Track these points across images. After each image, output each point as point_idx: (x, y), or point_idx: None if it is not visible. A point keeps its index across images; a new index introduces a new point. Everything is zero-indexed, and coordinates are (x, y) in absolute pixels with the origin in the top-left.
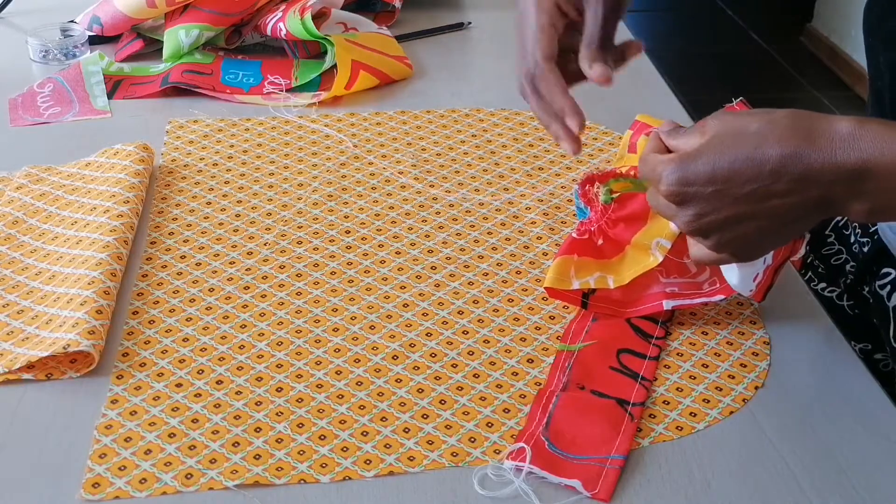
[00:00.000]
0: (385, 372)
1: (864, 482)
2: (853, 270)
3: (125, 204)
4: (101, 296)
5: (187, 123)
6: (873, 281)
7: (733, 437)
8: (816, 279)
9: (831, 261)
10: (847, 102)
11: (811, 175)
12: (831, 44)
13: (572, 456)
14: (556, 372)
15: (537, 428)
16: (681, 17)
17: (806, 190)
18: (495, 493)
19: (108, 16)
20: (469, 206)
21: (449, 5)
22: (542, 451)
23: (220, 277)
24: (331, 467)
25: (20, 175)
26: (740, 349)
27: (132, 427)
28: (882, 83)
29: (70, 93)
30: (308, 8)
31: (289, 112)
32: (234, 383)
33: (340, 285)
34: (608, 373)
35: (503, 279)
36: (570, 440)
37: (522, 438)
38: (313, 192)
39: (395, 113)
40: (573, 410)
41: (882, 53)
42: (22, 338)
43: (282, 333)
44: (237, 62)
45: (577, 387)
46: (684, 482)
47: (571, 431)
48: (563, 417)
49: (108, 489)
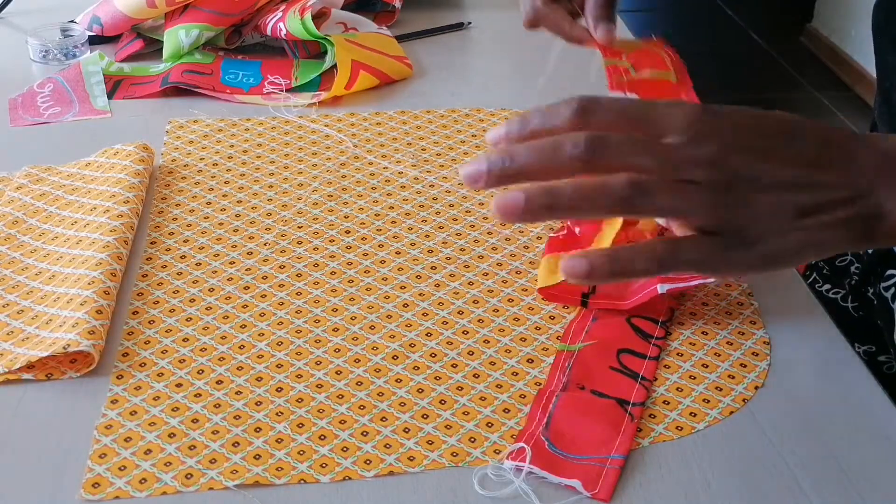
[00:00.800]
0: (385, 372)
1: (864, 482)
2: (858, 272)
3: (125, 204)
4: (101, 296)
5: (187, 123)
6: (878, 282)
7: (733, 437)
8: (821, 280)
9: (836, 262)
10: (847, 103)
11: (856, 154)
12: (831, 44)
13: (572, 456)
14: (556, 372)
15: (537, 428)
16: (681, 17)
17: (852, 170)
18: (495, 493)
19: (108, 16)
20: (469, 206)
21: (449, 5)
22: (542, 451)
23: (220, 277)
24: (331, 467)
25: (20, 175)
26: (740, 349)
27: (132, 427)
28: (890, 84)
29: (70, 93)
30: (308, 8)
31: (289, 112)
32: (234, 383)
33: (340, 285)
34: (608, 373)
35: (503, 279)
36: (570, 440)
37: (522, 438)
38: (313, 192)
39: (395, 113)
40: (573, 410)
41: (890, 54)
42: (22, 338)
43: (282, 333)
44: (237, 62)
45: (577, 387)
46: (684, 482)
47: (571, 431)
48: (563, 417)
49: (108, 489)
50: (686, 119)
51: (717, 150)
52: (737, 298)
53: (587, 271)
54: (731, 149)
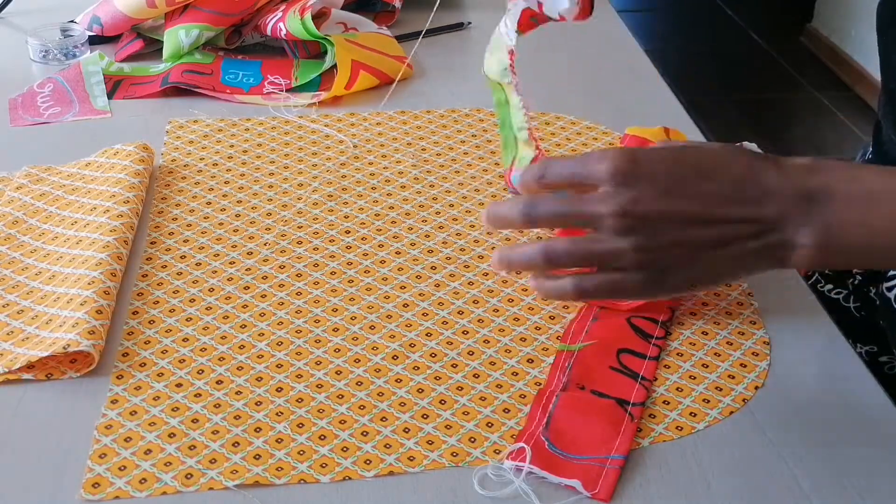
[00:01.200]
0: (385, 372)
1: (864, 482)
2: (861, 272)
3: (125, 204)
4: (101, 296)
5: (187, 123)
6: (881, 283)
7: (733, 437)
8: (823, 280)
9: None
10: (847, 103)
11: (771, 189)
12: (831, 44)
13: (572, 456)
14: (555, 372)
15: (537, 428)
16: (681, 17)
17: (764, 205)
18: (495, 493)
19: (108, 16)
20: (469, 206)
21: (449, 5)
22: (542, 451)
23: (219, 277)
24: (331, 467)
25: (20, 175)
26: (740, 349)
27: (132, 427)
28: (895, 84)
29: (70, 93)
30: (308, 8)
31: (289, 112)
32: (234, 383)
33: (340, 285)
34: (608, 373)
35: (503, 279)
36: (570, 440)
37: (522, 438)
38: (313, 192)
39: (395, 113)
40: (573, 410)
41: (895, 53)
42: (22, 338)
43: (282, 333)
44: (237, 62)
45: (577, 387)
46: (684, 482)
47: (571, 431)
48: (563, 417)
49: (108, 489)
50: (608, 172)
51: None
52: (737, 298)
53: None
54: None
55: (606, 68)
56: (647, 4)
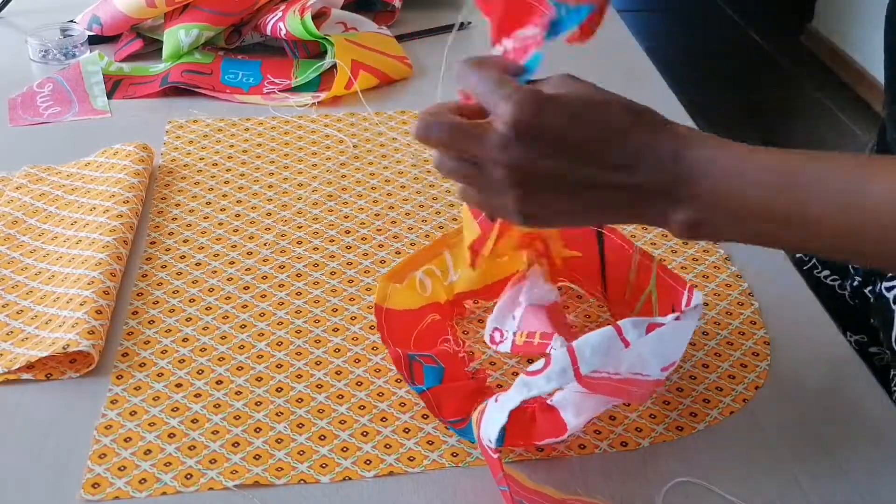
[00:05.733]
0: (385, 372)
1: (864, 482)
2: (861, 272)
3: (125, 204)
4: (101, 296)
5: (187, 123)
6: (880, 282)
7: (733, 437)
8: (819, 266)
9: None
10: (847, 103)
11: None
12: (831, 44)
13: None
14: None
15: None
16: (681, 17)
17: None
18: (495, 493)
19: (107, 15)
20: None
21: (449, 5)
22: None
23: (219, 277)
24: (331, 467)
25: (20, 175)
26: (740, 349)
27: (132, 427)
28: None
29: (70, 93)
30: (308, 8)
31: (289, 112)
32: (233, 383)
33: (340, 285)
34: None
35: None
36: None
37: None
38: (313, 192)
39: (395, 113)
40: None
41: None
42: (22, 338)
43: (282, 333)
44: (237, 62)
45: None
46: (685, 482)
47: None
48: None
49: (108, 489)
50: (511, 117)
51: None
52: (737, 298)
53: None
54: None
55: (606, 68)
56: (647, 4)
